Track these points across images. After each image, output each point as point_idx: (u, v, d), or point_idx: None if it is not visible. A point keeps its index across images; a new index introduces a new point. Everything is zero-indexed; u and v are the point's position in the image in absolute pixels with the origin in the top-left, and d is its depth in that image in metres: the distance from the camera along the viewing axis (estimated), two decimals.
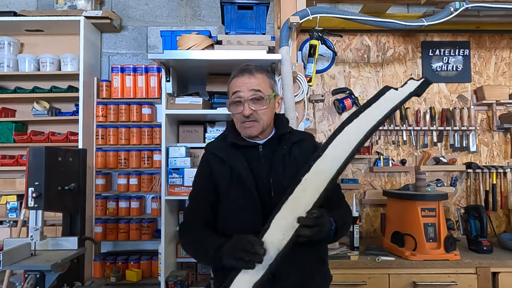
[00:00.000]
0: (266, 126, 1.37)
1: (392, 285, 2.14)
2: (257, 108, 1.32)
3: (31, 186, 1.83)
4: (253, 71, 1.35)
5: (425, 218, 2.19)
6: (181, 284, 2.20)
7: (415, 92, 1.33)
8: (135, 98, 2.79)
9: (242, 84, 1.33)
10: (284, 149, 1.37)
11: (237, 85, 1.34)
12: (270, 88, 1.37)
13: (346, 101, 2.77)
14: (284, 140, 1.39)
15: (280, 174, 1.33)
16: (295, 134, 1.43)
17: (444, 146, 2.87)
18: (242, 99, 1.32)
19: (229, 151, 1.38)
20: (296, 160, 1.37)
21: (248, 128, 1.34)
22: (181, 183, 2.26)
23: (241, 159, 1.35)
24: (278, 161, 1.35)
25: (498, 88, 2.83)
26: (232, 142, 1.38)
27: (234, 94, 1.34)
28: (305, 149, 1.40)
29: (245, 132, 1.36)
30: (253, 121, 1.33)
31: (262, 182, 1.33)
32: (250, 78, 1.33)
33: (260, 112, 1.33)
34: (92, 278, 2.68)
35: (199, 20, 3.02)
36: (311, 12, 2.18)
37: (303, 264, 1.32)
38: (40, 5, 3.00)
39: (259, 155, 1.37)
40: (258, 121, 1.34)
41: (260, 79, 1.35)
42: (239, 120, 1.36)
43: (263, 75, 1.37)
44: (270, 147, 1.38)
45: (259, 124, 1.34)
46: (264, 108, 1.33)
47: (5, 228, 2.72)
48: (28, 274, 1.77)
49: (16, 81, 2.85)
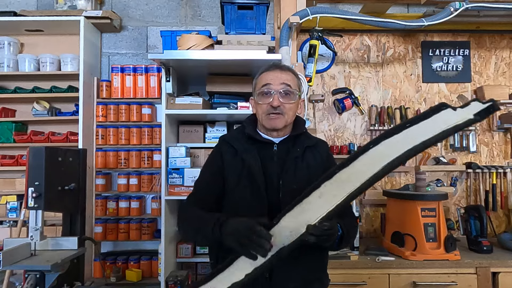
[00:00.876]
0: (289, 123, 1.39)
1: (392, 285, 2.13)
2: (286, 101, 1.34)
3: (31, 186, 1.83)
4: (284, 68, 1.40)
5: (425, 218, 2.19)
6: (181, 284, 2.20)
7: (476, 118, 1.06)
8: (135, 98, 2.79)
9: (273, 77, 1.36)
10: (297, 151, 1.37)
11: (267, 78, 1.36)
12: (297, 87, 1.40)
13: (346, 101, 2.76)
14: (299, 142, 1.39)
15: (291, 176, 1.33)
16: (310, 139, 1.43)
17: (444, 146, 2.87)
18: (272, 90, 1.34)
19: (244, 144, 1.38)
20: (308, 164, 1.37)
21: (274, 119, 1.35)
22: (181, 183, 2.26)
23: (254, 154, 1.35)
24: (291, 162, 1.35)
25: (498, 88, 2.83)
26: (249, 135, 1.38)
27: (264, 86, 1.35)
28: (318, 155, 1.40)
29: (269, 123, 1.36)
30: (279, 114, 1.34)
31: (272, 182, 1.33)
32: (281, 73, 1.37)
33: (287, 106, 1.35)
34: (92, 278, 2.68)
35: (199, 20, 3.02)
36: (311, 12, 2.18)
37: (303, 269, 1.32)
38: (40, 5, 3.00)
39: (272, 153, 1.37)
40: (283, 115, 1.35)
41: (290, 76, 1.38)
42: (264, 112, 1.36)
43: (294, 74, 1.41)
44: (285, 147, 1.38)
45: (284, 118, 1.35)
46: (292, 102, 1.36)
47: (5, 228, 2.72)
48: (28, 274, 1.77)
49: (16, 81, 2.85)
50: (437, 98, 2.90)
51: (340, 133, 2.88)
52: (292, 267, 1.29)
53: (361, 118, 2.88)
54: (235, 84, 2.44)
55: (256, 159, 1.34)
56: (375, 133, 2.84)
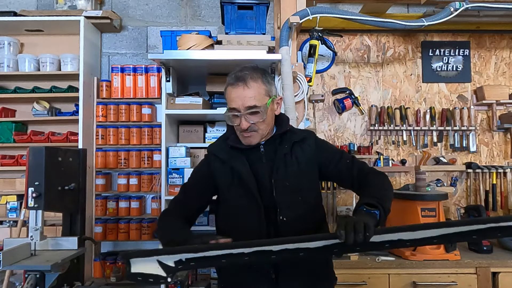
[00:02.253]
0: (266, 132, 1.37)
1: (392, 285, 2.13)
2: (255, 120, 1.31)
3: (31, 186, 1.83)
4: (248, 80, 1.30)
5: (425, 218, 2.19)
6: (181, 284, 2.20)
7: None
8: (135, 98, 2.79)
9: (237, 99, 1.30)
10: (285, 148, 1.36)
11: (232, 98, 1.32)
12: (266, 95, 1.34)
13: (346, 101, 2.77)
14: (285, 139, 1.39)
15: (282, 174, 1.33)
16: (296, 133, 1.42)
17: (444, 146, 2.87)
18: (239, 114, 1.31)
19: (230, 152, 1.38)
20: (298, 159, 1.36)
21: (248, 137, 1.34)
22: (181, 183, 2.26)
23: (242, 159, 1.35)
24: (280, 160, 1.34)
25: (498, 88, 2.83)
26: (232, 146, 1.38)
27: (231, 110, 1.32)
28: (308, 147, 1.40)
29: (244, 141, 1.36)
30: (252, 131, 1.33)
31: (264, 182, 1.33)
32: (244, 89, 1.30)
33: (258, 123, 1.32)
34: (92, 278, 2.68)
35: (199, 20, 3.02)
36: (311, 12, 2.18)
37: (309, 268, 1.33)
38: (40, 5, 3.00)
39: (260, 155, 1.37)
40: (257, 131, 1.33)
41: (255, 89, 1.31)
42: (238, 130, 1.35)
43: (257, 83, 1.32)
44: (272, 146, 1.38)
45: (258, 134, 1.34)
46: (261, 120, 1.32)
47: (5, 228, 2.72)
48: (28, 274, 1.77)
49: (16, 81, 2.85)
50: (437, 98, 2.90)
51: (340, 133, 2.88)
52: (297, 266, 1.29)
53: (361, 118, 2.88)
54: None
55: (244, 164, 1.34)
56: (375, 133, 2.84)
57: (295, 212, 1.32)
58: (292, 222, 1.31)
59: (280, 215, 1.30)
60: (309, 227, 1.33)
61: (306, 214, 1.35)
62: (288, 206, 1.32)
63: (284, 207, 1.31)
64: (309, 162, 1.38)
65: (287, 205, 1.31)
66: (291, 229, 1.29)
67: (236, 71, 1.35)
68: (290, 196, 1.33)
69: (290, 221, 1.31)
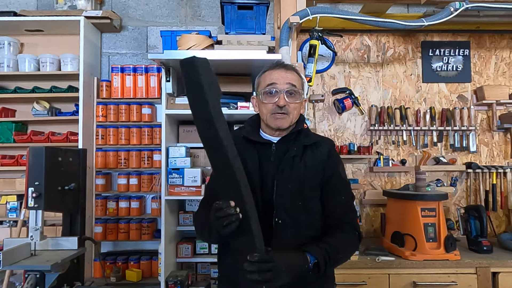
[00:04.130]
0: (293, 123, 1.38)
1: (392, 285, 2.14)
2: (291, 101, 1.33)
3: (31, 186, 1.83)
4: (289, 67, 1.39)
5: (425, 218, 2.19)
6: (181, 284, 2.20)
7: None
8: (135, 98, 2.79)
9: (279, 77, 1.35)
10: (295, 151, 1.35)
11: (272, 77, 1.35)
12: (301, 86, 1.40)
13: (346, 101, 2.77)
14: (298, 141, 1.37)
15: (286, 176, 1.31)
16: (309, 136, 1.41)
17: (444, 146, 2.87)
18: (278, 89, 1.33)
19: (244, 145, 1.37)
20: (306, 163, 1.34)
21: (279, 119, 1.34)
22: (181, 183, 2.25)
23: (253, 155, 1.35)
24: (287, 161, 1.33)
25: (498, 88, 2.82)
26: (244, 136, 1.38)
27: (270, 85, 1.35)
28: (319, 154, 1.37)
29: (275, 123, 1.35)
30: (284, 114, 1.34)
31: (267, 182, 1.32)
32: (286, 72, 1.36)
33: (292, 106, 1.34)
34: (92, 278, 2.68)
35: (199, 20, 3.02)
36: (311, 12, 2.18)
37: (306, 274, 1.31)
38: (40, 5, 3.00)
39: (270, 153, 1.36)
40: (289, 115, 1.34)
41: (295, 75, 1.38)
42: (269, 111, 1.35)
43: (297, 73, 1.40)
44: (284, 146, 1.37)
45: (289, 117, 1.35)
46: (298, 102, 1.36)
47: (5, 228, 2.72)
48: (28, 274, 1.78)
49: (16, 81, 2.85)
50: (437, 98, 2.90)
51: (340, 133, 2.88)
52: None
53: (361, 118, 2.88)
54: (235, 84, 2.44)
55: (254, 159, 1.34)
56: (375, 133, 2.84)
57: (292, 217, 1.30)
58: (288, 226, 1.29)
59: (276, 217, 1.29)
60: (305, 234, 1.31)
61: (304, 220, 1.32)
62: (286, 209, 1.30)
63: (282, 210, 1.29)
64: (317, 169, 1.35)
65: (285, 208, 1.30)
66: (285, 233, 1.28)
67: (274, 62, 1.42)
68: (290, 199, 1.31)
69: (286, 225, 1.29)
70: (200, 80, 1.09)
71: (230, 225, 1.10)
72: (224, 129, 1.14)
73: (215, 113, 1.12)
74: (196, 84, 1.10)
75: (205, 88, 1.09)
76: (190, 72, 1.11)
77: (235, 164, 1.14)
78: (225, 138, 1.13)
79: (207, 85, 1.10)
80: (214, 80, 1.15)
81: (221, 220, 1.11)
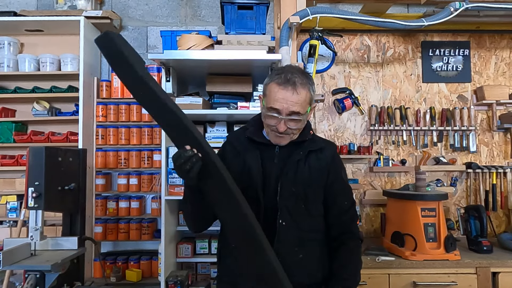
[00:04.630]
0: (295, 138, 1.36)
1: (392, 285, 2.13)
2: (293, 126, 1.30)
3: (31, 186, 1.83)
4: (298, 85, 1.26)
5: (425, 218, 2.19)
6: (181, 284, 2.20)
7: None
8: None
9: (283, 101, 1.25)
10: (300, 154, 1.34)
11: (277, 98, 1.26)
12: (309, 103, 1.31)
13: (346, 101, 2.77)
14: (303, 146, 1.37)
15: (291, 179, 1.31)
16: (315, 142, 1.40)
17: (444, 146, 2.87)
18: (279, 115, 1.27)
19: (247, 145, 1.37)
20: (311, 167, 1.35)
21: (279, 138, 1.32)
22: (181, 183, 2.25)
23: (256, 155, 1.34)
24: (292, 165, 1.33)
25: (498, 88, 2.82)
26: (249, 137, 1.37)
27: (273, 109, 1.27)
28: (323, 158, 1.38)
29: (275, 140, 1.34)
30: (285, 134, 1.31)
31: (270, 183, 1.32)
32: (293, 94, 1.25)
33: (293, 127, 1.30)
34: (92, 278, 2.68)
35: (199, 20, 3.02)
36: (311, 12, 2.18)
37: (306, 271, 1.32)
38: (40, 5, 3.00)
39: (274, 154, 1.36)
40: (289, 135, 1.33)
41: (303, 96, 1.27)
42: (270, 129, 1.32)
43: (305, 90, 1.28)
44: (287, 149, 1.36)
45: (289, 136, 1.33)
46: (299, 127, 1.32)
47: (5, 228, 2.72)
48: (28, 274, 1.78)
49: (16, 81, 2.85)
50: (437, 98, 2.90)
51: (340, 133, 2.88)
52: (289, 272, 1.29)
53: (361, 118, 2.88)
54: (235, 84, 2.44)
55: (257, 160, 1.33)
56: (375, 133, 2.84)
57: (296, 219, 1.31)
58: (291, 228, 1.30)
59: (280, 219, 1.29)
60: (307, 236, 1.32)
61: (306, 223, 1.33)
62: (290, 211, 1.30)
63: (285, 212, 1.30)
64: (322, 172, 1.36)
65: (288, 210, 1.30)
66: (288, 235, 1.28)
67: (285, 71, 1.29)
68: (294, 202, 1.31)
69: (289, 227, 1.29)
70: (117, 47, 1.08)
71: (194, 167, 1.07)
72: (158, 87, 1.16)
73: (144, 73, 1.11)
74: (116, 53, 1.09)
75: (125, 53, 1.08)
76: (107, 45, 1.10)
77: (178, 111, 1.17)
78: (160, 93, 1.14)
79: (126, 51, 1.09)
80: (132, 50, 1.13)
81: (183, 166, 1.07)
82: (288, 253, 1.28)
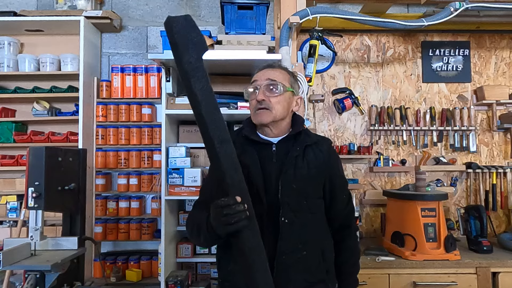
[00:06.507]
0: (279, 117, 1.36)
1: (392, 285, 2.13)
2: (270, 95, 1.34)
3: (31, 186, 1.83)
4: (275, 66, 1.43)
5: (425, 218, 2.19)
6: (181, 284, 2.20)
7: None
8: (135, 98, 2.79)
9: (260, 74, 1.39)
10: (297, 150, 1.36)
11: (256, 76, 1.40)
12: (288, 83, 1.40)
13: (346, 101, 2.76)
14: (299, 141, 1.38)
15: (290, 176, 1.32)
16: (310, 136, 1.42)
17: (444, 146, 2.87)
18: (258, 86, 1.36)
19: (244, 146, 1.37)
20: (309, 162, 1.36)
21: (260, 114, 1.35)
22: (181, 183, 2.25)
23: (253, 155, 1.35)
24: (290, 162, 1.34)
25: (498, 88, 2.82)
26: (246, 136, 1.38)
27: (252, 83, 1.39)
28: (320, 152, 1.39)
29: (256, 118, 1.36)
30: (265, 108, 1.34)
31: (271, 183, 1.32)
32: (269, 70, 1.40)
33: (273, 100, 1.34)
34: (92, 278, 2.68)
35: (199, 20, 3.02)
36: (311, 12, 2.18)
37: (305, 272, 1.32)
38: (40, 5, 3.00)
39: (271, 154, 1.37)
40: (270, 110, 1.34)
41: (280, 72, 1.40)
42: (253, 108, 1.38)
43: (284, 71, 1.42)
44: (284, 146, 1.37)
45: (271, 112, 1.34)
46: (277, 95, 1.35)
47: (5, 228, 2.72)
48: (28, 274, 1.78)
49: (16, 81, 2.85)
50: (437, 98, 2.90)
51: (340, 133, 2.88)
52: (293, 269, 1.29)
53: (361, 118, 2.88)
54: (235, 84, 2.44)
55: (255, 160, 1.34)
56: (375, 133, 2.84)
57: (298, 216, 1.31)
58: (294, 225, 1.30)
59: (283, 217, 1.29)
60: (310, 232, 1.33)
61: (308, 219, 1.34)
62: (292, 208, 1.31)
63: (288, 209, 1.30)
64: (319, 167, 1.37)
65: (290, 207, 1.30)
66: (292, 232, 1.29)
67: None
68: (296, 198, 1.32)
69: (292, 224, 1.30)
70: (174, 38, 1.07)
71: (238, 224, 1.07)
72: (202, 86, 1.14)
73: (189, 67, 1.11)
74: (172, 43, 1.09)
75: (179, 44, 1.07)
76: (168, 33, 1.09)
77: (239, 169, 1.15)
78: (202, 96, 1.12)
79: (182, 40, 1.08)
80: (194, 36, 1.11)
81: (229, 218, 1.07)
82: (292, 250, 1.29)
